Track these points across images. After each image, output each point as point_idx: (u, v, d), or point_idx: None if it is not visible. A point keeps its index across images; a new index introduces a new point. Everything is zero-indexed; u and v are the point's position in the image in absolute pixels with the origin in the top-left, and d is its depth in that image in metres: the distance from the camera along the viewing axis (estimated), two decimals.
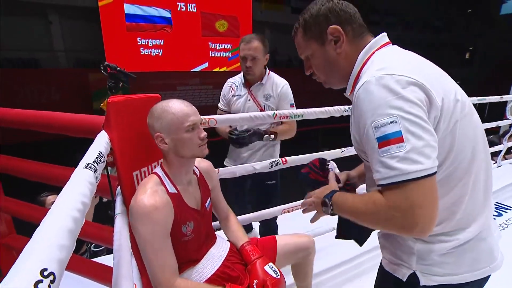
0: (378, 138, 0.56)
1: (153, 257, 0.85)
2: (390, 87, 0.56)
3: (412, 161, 0.53)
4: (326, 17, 0.71)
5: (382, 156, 0.56)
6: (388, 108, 0.55)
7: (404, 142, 0.53)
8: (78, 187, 0.46)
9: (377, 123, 0.56)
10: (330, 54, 0.73)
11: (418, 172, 0.53)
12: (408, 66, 0.60)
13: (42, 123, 1.04)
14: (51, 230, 0.35)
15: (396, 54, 0.68)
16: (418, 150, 0.53)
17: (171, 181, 0.93)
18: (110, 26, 3.23)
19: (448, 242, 0.65)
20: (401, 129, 0.54)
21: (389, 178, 0.55)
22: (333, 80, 0.78)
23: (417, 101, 0.55)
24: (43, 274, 0.28)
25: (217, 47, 4.11)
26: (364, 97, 0.59)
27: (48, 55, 8.73)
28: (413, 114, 0.54)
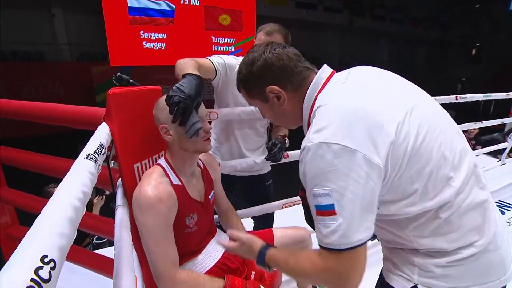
0: (315, 205, 0.58)
1: (155, 248, 0.86)
2: (326, 157, 0.55)
3: (342, 236, 0.55)
4: (260, 78, 0.69)
5: (318, 223, 0.58)
6: (323, 179, 0.56)
7: (336, 215, 0.55)
8: (78, 177, 0.47)
9: (315, 191, 0.57)
10: (276, 109, 0.72)
11: (348, 244, 0.56)
12: (347, 124, 0.56)
13: (43, 114, 1.05)
14: (51, 218, 0.35)
15: (335, 100, 0.62)
16: (348, 225, 0.55)
17: (175, 172, 0.93)
18: (113, 19, 3.21)
19: (449, 256, 0.62)
20: (334, 202, 0.55)
21: (325, 243, 0.58)
22: (289, 126, 0.80)
23: (351, 175, 0.54)
24: (44, 261, 0.28)
25: (220, 41, 4.07)
26: (306, 161, 0.59)
27: (51, 48, 8.75)
28: (345, 188, 0.55)
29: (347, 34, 14.37)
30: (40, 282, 0.26)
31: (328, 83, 0.68)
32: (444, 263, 0.63)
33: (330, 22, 13.06)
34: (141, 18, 3.56)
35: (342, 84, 0.66)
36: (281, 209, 1.55)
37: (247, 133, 1.43)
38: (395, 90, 0.65)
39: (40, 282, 0.26)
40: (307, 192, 0.60)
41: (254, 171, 1.54)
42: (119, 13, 3.39)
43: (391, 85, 0.66)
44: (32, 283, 0.25)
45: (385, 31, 14.72)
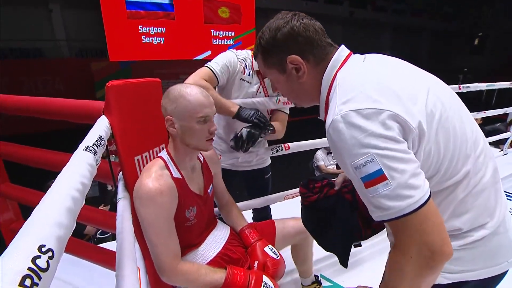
0: (361, 178, 0.54)
1: (156, 240, 0.86)
2: (358, 124, 0.53)
3: (402, 197, 0.52)
4: (283, 46, 0.66)
5: (372, 196, 0.54)
6: (361, 147, 0.53)
7: (388, 179, 0.52)
8: (77, 168, 0.46)
9: (356, 163, 0.54)
10: (293, 82, 0.70)
11: (412, 206, 0.51)
12: (372, 92, 0.55)
13: (42, 109, 1.04)
14: (49, 209, 0.35)
15: (357, 73, 0.62)
16: (405, 185, 0.52)
17: (176, 165, 0.93)
18: (111, 14, 3.18)
19: (461, 239, 0.63)
20: (381, 167, 0.52)
21: (385, 215, 0.54)
22: (303, 103, 0.77)
23: (388, 134, 0.52)
24: (41, 250, 0.28)
25: (219, 35, 4.04)
26: (336, 137, 0.56)
27: (49, 44, 8.71)
28: (388, 148, 0.52)
29: (348, 26, 14.21)
30: (37, 271, 0.26)
31: (347, 61, 0.66)
32: (457, 246, 0.62)
33: (331, 13, 12.91)
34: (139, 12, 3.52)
35: (362, 62, 0.65)
36: (282, 200, 1.55)
37: None
38: (412, 71, 0.65)
39: (37, 271, 0.26)
40: (347, 170, 0.57)
41: (255, 165, 1.54)
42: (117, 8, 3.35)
43: (407, 67, 0.66)
44: (29, 271, 0.25)
45: (386, 22, 14.54)
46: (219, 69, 1.22)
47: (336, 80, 0.64)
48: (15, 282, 0.23)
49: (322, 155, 3.81)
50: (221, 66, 1.22)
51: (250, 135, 1.21)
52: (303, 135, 1.68)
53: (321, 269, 1.64)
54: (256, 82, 1.35)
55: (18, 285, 0.23)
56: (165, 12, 3.73)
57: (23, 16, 8.16)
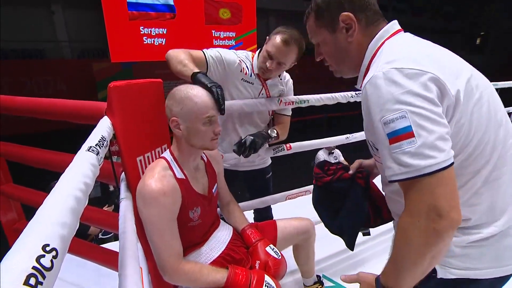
0: (388, 134, 0.54)
1: (159, 240, 0.86)
2: (398, 81, 0.54)
3: (424, 156, 0.51)
4: (339, 3, 0.68)
5: (394, 152, 0.54)
6: (396, 103, 0.53)
7: (415, 137, 0.52)
8: (80, 169, 0.46)
9: (386, 118, 0.54)
10: (341, 42, 0.70)
11: (431, 167, 0.51)
12: (417, 57, 0.57)
13: (44, 110, 1.05)
14: (53, 208, 0.35)
15: (406, 43, 0.65)
16: (430, 144, 0.51)
17: (179, 166, 0.93)
18: (113, 15, 3.19)
19: (471, 235, 0.62)
20: (411, 124, 0.52)
21: (402, 174, 0.54)
22: (344, 69, 0.76)
23: (426, 94, 0.53)
24: (45, 250, 0.28)
25: (220, 35, 4.04)
26: (372, 92, 0.57)
27: (51, 45, 8.75)
28: (422, 107, 0.52)
29: None
30: (42, 270, 0.26)
31: (397, 34, 0.68)
32: (465, 243, 0.62)
33: None
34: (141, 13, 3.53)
35: (412, 37, 0.67)
36: (284, 201, 1.55)
37: (248, 129, 1.42)
38: (458, 58, 0.66)
39: (42, 270, 0.26)
40: (374, 127, 0.57)
41: (256, 165, 1.54)
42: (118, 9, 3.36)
43: (454, 55, 0.67)
44: (33, 270, 0.25)
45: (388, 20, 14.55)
46: (212, 56, 1.20)
47: (383, 47, 0.65)
48: (20, 280, 0.23)
49: (323, 155, 3.81)
50: (216, 56, 1.21)
51: (253, 143, 1.22)
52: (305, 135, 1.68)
53: (323, 269, 1.64)
54: (258, 84, 1.34)
55: (23, 283, 0.23)
56: (166, 13, 3.73)
57: (25, 17, 8.20)
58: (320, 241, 1.32)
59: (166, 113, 0.92)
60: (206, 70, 1.20)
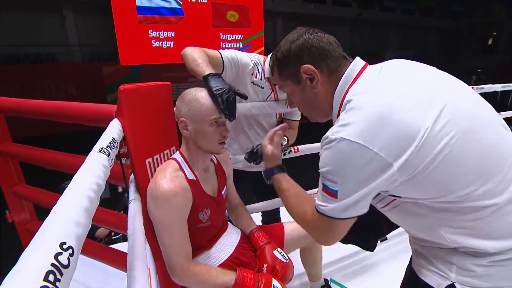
0: (323, 183, 0.63)
1: (169, 241, 0.87)
2: (344, 153, 0.58)
3: (336, 210, 0.62)
4: (297, 56, 0.69)
5: (321, 194, 0.64)
6: (336, 171, 0.60)
7: (337, 199, 0.61)
8: (92, 169, 0.48)
9: (325, 175, 0.62)
10: (307, 93, 0.72)
11: (339, 216, 0.63)
12: (369, 124, 0.56)
13: (56, 112, 1.07)
14: (68, 208, 0.36)
15: (365, 97, 0.61)
16: (345, 207, 0.61)
17: (190, 167, 0.94)
18: (122, 19, 3.25)
19: (493, 256, 0.59)
20: (338, 190, 0.60)
21: (319, 209, 0.66)
22: (316, 116, 0.79)
23: (363, 171, 0.57)
24: (63, 247, 0.29)
25: (228, 38, 4.07)
26: (324, 150, 0.62)
27: (63, 49, 8.95)
28: (353, 182, 0.59)
29: (356, 27, 14.12)
30: (60, 267, 0.27)
31: (361, 76, 0.67)
32: (486, 262, 0.59)
33: (339, 15, 12.86)
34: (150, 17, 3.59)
35: (377, 76, 0.65)
36: None
37: (257, 131, 1.42)
38: (428, 87, 0.61)
39: (60, 268, 0.27)
40: (320, 169, 0.64)
41: None
42: (128, 13, 3.42)
43: (425, 80, 0.63)
44: (52, 267, 0.26)
45: (395, 22, 14.39)
46: (229, 57, 1.20)
47: (347, 95, 0.65)
48: (40, 277, 0.24)
49: None
50: (232, 57, 1.21)
51: None
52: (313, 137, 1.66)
53: (331, 273, 1.62)
54: (267, 88, 1.34)
55: (43, 280, 0.24)
56: (174, 16, 3.78)
57: (38, 22, 8.41)
58: None
59: (175, 114, 0.93)
60: (222, 71, 1.21)
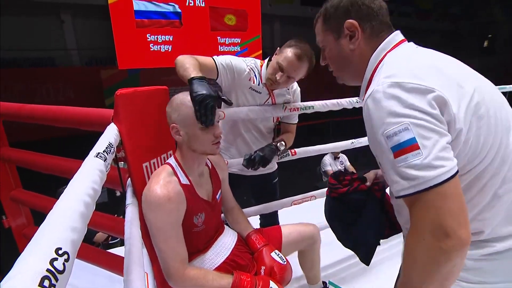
0: (392, 147, 0.54)
1: (164, 246, 0.87)
2: (398, 95, 0.54)
3: (431, 167, 0.51)
4: (346, 10, 0.69)
5: (399, 166, 0.53)
6: (397, 116, 0.53)
7: (420, 149, 0.51)
8: (89, 174, 0.48)
9: (389, 132, 0.53)
10: (343, 49, 0.71)
11: (439, 177, 0.50)
12: (419, 71, 0.56)
13: (52, 117, 1.08)
14: (63, 213, 0.36)
15: (407, 55, 0.64)
16: (436, 155, 0.51)
17: (184, 172, 0.94)
18: (120, 23, 3.26)
19: (484, 249, 0.61)
20: (415, 135, 0.51)
21: (408, 188, 0.53)
22: (345, 76, 0.77)
23: (427, 109, 0.53)
24: (58, 253, 0.29)
25: (226, 41, 4.09)
26: (372, 107, 0.57)
27: (61, 53, 8.95)
28: (424, 119, 0.52)
29: None
30: (55, 272, 0.27)
31: (399, 45, 0.67)
32: (478, 256, 0.61)
33: None
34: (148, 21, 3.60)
35: (415, 48, 0.66)
36: (290, 206, 1.55)
37: (254, 135, 1.43)
38: (463, 67, 0.65)
39: (55, 273, 0.27)
40: (377, 141, 0.56)
41: (263, 170, 1.54)
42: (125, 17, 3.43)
43: (459, 63, 0.66)
44: (48, 273, 0.26)
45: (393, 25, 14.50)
46: (223, 63, 1.20)
47: (384, 60, 0.65)
48: (35, 282, 0.24)
49: (329, 160, 3.79)
50: (226, 63, 1.20)
51: (262, 159, 1.24)
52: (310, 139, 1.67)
53: (329, 275, 1.62)
54: (265, 93, 1.34)
55: (38, 285, 0.24)
56: (172, 20, 3.80)
57: (36, 26, 8.42)
58: (325, 247, 1.31)
59: (167, 120, 0.93)
60: (217, 77, 1.21)
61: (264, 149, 1.29)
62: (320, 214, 1.08)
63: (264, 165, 1.26)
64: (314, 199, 1.61)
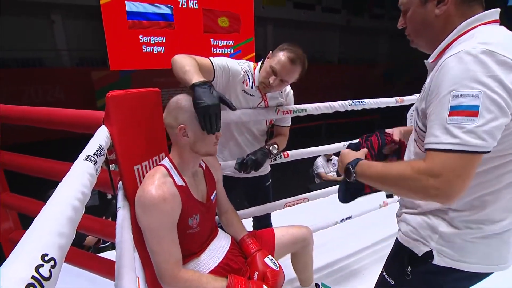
0: (452, 106, 0.56)
1: (158, 248, 0.86)
2: (486, 63, 0.54)
3: (477, 136, 0.54)
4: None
5: (449, 123, 0.56)
6: (476, 82, 0.54)
7: (477, 117, 0.53)
8: (78, 178, 0.47)
9: (458, 92, 0.55)
10: (428, 13, 0.68)
11: (478, 147, 0.54)
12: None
13: (42, 119, 1.05)
14: (51, 218, 0.35)
15: (503, 33, 0.63)
16: (489, 129, 0.54)
17: (179, 173, 0.93)
18: (112, 24, 3.23)
19: (473, 229, 0.66)
20: (480, 104, 0.53)
21: (447, 144, 0.56)
22: (421, 42, 0.74)
23: (507, 84, 0.53)
24: (44, 259, 0.29)
25: (219, 44, 4.09)
26: (454, 65, 0.57)
27: (51, 54, 8.81)
28: (498, 94, 0.53)
29: (345, 34, 14.36)
30: (40, 280, 0.26)
31: (495, 23, 0.65)
32: (469, 237, 0.66)
33: (328, 22, 13.08)
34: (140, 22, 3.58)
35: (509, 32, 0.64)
36: (282, 208, 1.55)
37: (247, 138, 1.43)
38: None
39: (40, 280, 0.26)
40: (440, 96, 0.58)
41: (256, 172, 1.54)
42: (118, 18, 3.41)
43: None
44: (33, 280, 0.25)
45: (384, 29, 14.70)
46: (220, 65, 1.20)
47: (476, 30, 0.63)
48: None
49: (322, 162, 3.81)
50: (223, 65, 1.20)
51: (255, 163, 1.25)
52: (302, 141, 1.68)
53: (321, 277, 1.63)
54: (258, 96, 1.34)
55: None
56: (165, 22, 3.78)
57: (26, 26, 8.27)
58: (318, 249, 1.32)
59: (167, 122, 0.92)
60: (212, 79, 1.20)
61: (256, 152, 1.29)
62: (313, 216, 1.08)
63: (256, 168, 1.27)
64: (307, 201, 1.62)
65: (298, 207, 1.61)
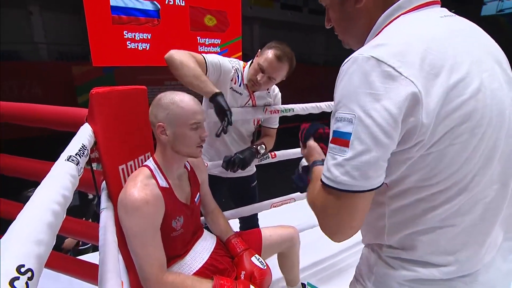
0: (333, 131, 0.48)
1: (141, 251, 0.84)
2: (369, 75, 0.44)
3: (345, 172, 0.46)
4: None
5: (329, 151, 0.49)
6: (352, 101, 0.45)
7: (348, 147, 0.45)
8: (58, 180, 0.44)
9: (339, 114, 0.47)
10: (348, 8, 0.58)
11: (346, 186, 0.46)
12: (413, 50, 0.45)
13: (22, 116, 1.00)
14: (28, 224, 0.33)
15: (418, 25, 0.50)
16: (357, 164, 0.45)
17: (163, 174, 0.91)
18: (95, 18, 3.13)
19: (409, 271, 0.55)
20: (352, 132, 0.45)
21: (323, 177, 0.49)
22: (350, 40, 0.65)
23: (391, 109, 0.43)
24: (20, 271, 0.27)
25: (206, 42, 4.05)
26: (344, 74, 0.48)
27: (28, 47, 8.43)
28: (373, 119, 0.44)
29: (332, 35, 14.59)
30: None
31: (424, 9, 0.52)
32: (401, 279, 0.55)
33: (315, 23, 13.24)
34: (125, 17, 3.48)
35: (440, 17, 0.52)
36: (269, 209, 1.55)
37: (234, 137, 1.42)
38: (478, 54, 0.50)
39: None
40: (332, 115, 0.50)
41: (242, 173, 1.53)
42: (101, 12, 3.30)
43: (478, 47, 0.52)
44: None
45: None
46: (212, 62, 1.20)
47: (396, 21, 0.52)
48: None
49: None
50: (215, 62, 1.21)
51: (242, 162, 1.24)
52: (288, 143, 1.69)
53: (307, 277, 1.64)
54: (246, 95, 1.34)
55: None
56: (150, 18, 3.70)
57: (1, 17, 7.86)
58: (304, 249, 1.32)
59: (150, 119, 0.90)
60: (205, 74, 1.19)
61: (244, 151, 1.29)
62: (299, 217, 1.09)
63: (243, 167, 1.27)
64: (294, 201, 1.62)
65: (285, 208, 1.61)
